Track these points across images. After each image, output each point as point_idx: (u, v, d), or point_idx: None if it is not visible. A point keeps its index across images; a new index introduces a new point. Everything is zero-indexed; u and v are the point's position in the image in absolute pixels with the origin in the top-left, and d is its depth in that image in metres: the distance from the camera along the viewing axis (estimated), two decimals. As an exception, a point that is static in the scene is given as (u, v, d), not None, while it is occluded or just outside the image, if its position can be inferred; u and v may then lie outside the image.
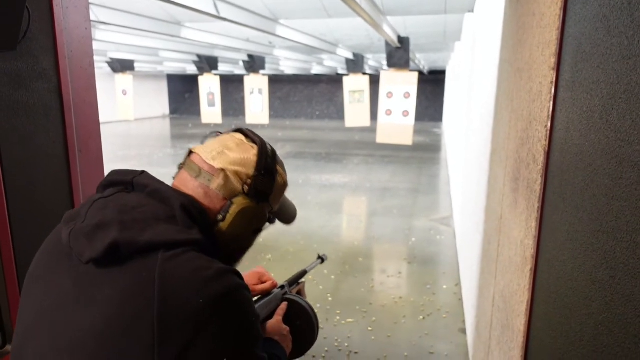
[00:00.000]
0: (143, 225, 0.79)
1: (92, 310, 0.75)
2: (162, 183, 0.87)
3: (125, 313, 0.74)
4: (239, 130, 0.97)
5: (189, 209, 0.84)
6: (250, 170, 0.90)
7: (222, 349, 0.76)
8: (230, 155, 0.89)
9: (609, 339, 0.73)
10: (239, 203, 0.89)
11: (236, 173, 0.89)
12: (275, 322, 1.08)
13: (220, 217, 0.88)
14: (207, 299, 0.74)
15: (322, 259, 1.34)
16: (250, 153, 0.91)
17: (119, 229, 0.78)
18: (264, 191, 0.92)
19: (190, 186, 0.88)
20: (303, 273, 1.24)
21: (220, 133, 0.97)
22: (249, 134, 0.95)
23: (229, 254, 0.94)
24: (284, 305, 1.12)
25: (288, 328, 1.09)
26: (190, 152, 0.93)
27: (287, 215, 1.07)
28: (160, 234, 0.78)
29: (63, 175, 1.48)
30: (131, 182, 0.87)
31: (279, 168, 0.97)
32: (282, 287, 1.16)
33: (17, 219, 1.33)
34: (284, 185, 0.99)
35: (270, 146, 0.96)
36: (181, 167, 0.93)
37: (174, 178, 0.93)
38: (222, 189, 0.88)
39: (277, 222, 1.03)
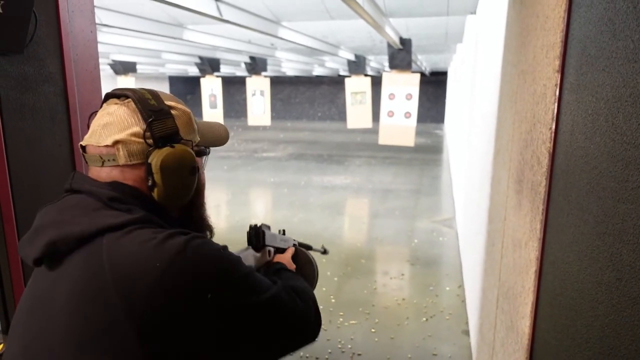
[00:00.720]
0: (80, 219, 0.79)
1: (49, 312, 0.77)
2: (90, 182, 0.85)
3: (85, 306, 0.74)
4: (108, 97, 0.90)
5: (118, 197, 0.82)
6: (141, 124, 0.84)
7: (205, 292, 0.76)
8: (113, 124, 0.84)
9: (615, 341, 0.74)
10: (155, 159, 0.84)
11: (131, 135, 0.84)
12: (285, 257, 1.22)
13: (149, 183, 0.85)
14: (164, 262, 0.74)
15: (325, 250, 1.54)
16: (130, 108, 0.85)
17: (55, 227, 0.79)
18: (168, 132, 0.86)
19: (105, 175, 0.85)
20: (310, 246, 1.43)
21: (96, 111, 0.91)
22: (118, 93, 0.88)
23: (187, 211, 0.93)
24: (292, 248, 1.28)
25: (294, 266, 1.22)
26: (83, 147, 0.88)
27: (215, 137, 1.02)
28: (98, 222, 0.78)
29: (69, 178, 1.49)
30: (71, 187, 0.86)
31: (169, 102, 0.89)
32: (294, 240, 1.35)
33: (23, 221, 1.34)
34: (186, 113, 0.91)
35: (146, 89, 0.89)
36: (87, 164, 0.90)
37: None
38: (130, 157, 0.84)
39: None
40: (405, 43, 6.06)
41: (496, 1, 2.72)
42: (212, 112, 10.03)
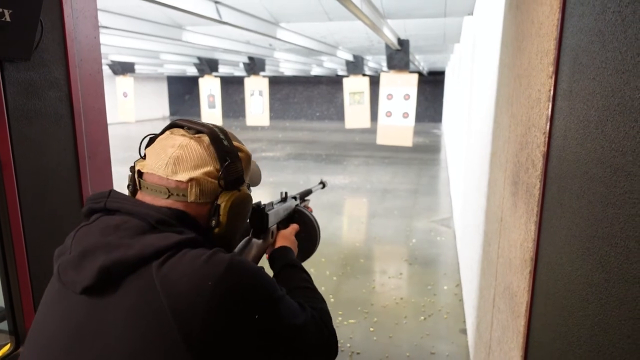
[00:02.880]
0: (129, 242, 0.76)
1: (101, 341, 0.73)
2: (134, 202, 0.83)
3: (142, 332, 0.72)
4: (173, 126, 0.89)
5: (167, 221, 0.80)
6: (216, 164, 0.85)
7: (253, 310, 0.77)
8: (188, 159, 0.83)
9: (604, 339, 0.77)
10: (225, 201, 0.85)
11: (206, 174, 0.83)
12: (289, 232, 1.22)
13: (213, 222, 0.85)
14: (214, 278, 0.74)
15: (323, 184, 1.55)
16: (204, 145, 0.85)
17: (105, 251, 0.75)
18: (238, 175, 0.88)
19: (164, 204, 0.83)
20: (309, 192, 1.42)
21: (154, 135, 0.90)
22: (188, 125, 0.88)
23: (227, 244, 0.93)
24: (295, 226, 1.26)
25: (296, 241, 1.23)
26: (140, 173, 0.85)
27: (254, 177, 1.04)
28: (149, 245, 0.76)
29: (73, 181, 1.52)
30: (105, 206, 0.82)
31: (236, 144, 0.90)
32: (295, 198, 1.32)
33: (30, 225, 1.36)
34: (248, 156, 0.93)
35: (215, 126, 0.89)
36: (134, 189, 0.87)
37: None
38: (201, 196, 0.84)
39: None
40: (403, 44, 6.09)
41: (493, 4, 2.76)
42: (211, 112, 10.04)
